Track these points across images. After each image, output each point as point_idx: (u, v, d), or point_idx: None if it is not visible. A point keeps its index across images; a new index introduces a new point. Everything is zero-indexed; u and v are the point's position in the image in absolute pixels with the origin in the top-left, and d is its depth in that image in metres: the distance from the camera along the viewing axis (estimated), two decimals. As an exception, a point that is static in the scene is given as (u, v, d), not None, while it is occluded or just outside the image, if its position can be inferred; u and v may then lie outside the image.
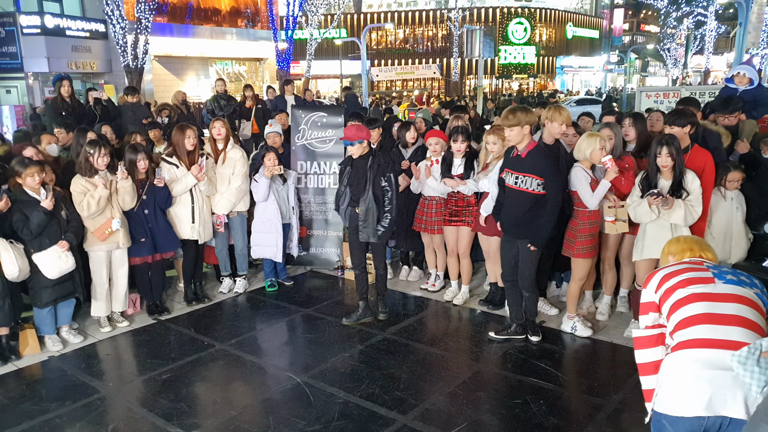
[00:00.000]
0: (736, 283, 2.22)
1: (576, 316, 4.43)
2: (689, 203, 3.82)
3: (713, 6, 34.81)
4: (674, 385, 2.14)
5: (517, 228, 4.09)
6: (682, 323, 2.19)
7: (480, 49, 29.59)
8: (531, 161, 3.94)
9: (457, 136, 4.84)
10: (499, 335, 4.34)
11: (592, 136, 4.14)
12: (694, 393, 2.07)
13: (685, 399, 2.08)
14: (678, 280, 2.29)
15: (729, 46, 40.70)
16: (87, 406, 3.59)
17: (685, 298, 2.23)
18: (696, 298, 2.21)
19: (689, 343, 2.13)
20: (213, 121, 5.25)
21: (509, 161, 4.12)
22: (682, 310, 2.21)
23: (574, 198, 4.20)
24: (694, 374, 2.08)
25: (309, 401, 3.59)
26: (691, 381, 2.09)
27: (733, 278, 2.25)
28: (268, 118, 8.88)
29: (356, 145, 4.41)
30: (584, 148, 4.11)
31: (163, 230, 4.81)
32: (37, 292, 4.23)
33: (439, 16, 37.57)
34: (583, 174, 4.10)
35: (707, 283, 2.24)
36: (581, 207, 4.17)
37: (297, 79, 26.69)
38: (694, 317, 2.17)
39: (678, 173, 3.82)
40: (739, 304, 2.15)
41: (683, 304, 2.22)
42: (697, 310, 2.18)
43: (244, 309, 5.19)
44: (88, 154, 4.39)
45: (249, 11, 26.98)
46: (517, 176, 4.00)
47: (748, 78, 5.80)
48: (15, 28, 17.88)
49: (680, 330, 2.19)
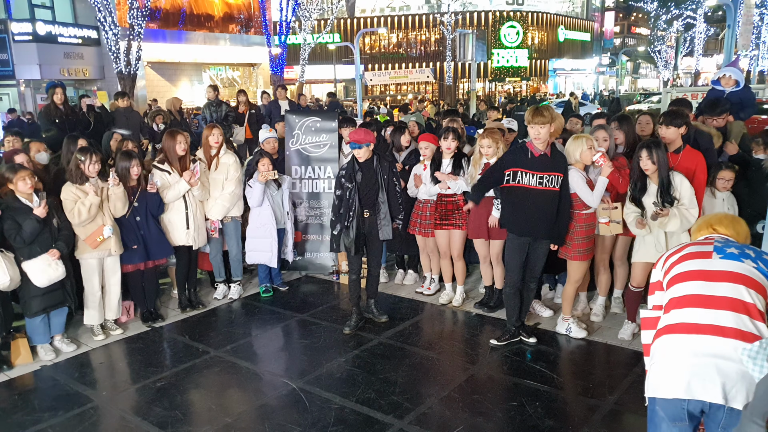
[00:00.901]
0: (735, 258, 2.18)
1: (571, 318, 4.43)
2: (683, 208, 3.83)
3: (702, 8, 35.15)
4: (658, 368, 2.17)
5: (539, 228, 4.03)
6: (672, 303, 2.21)
7: (473, 53, 29.70)
8: (555, 159, 3.98)
9: (447, 134, 4.87)
10: (500, 341, 4.30)
11: (578, 138, 4.16)
12: (674, 376, 2.09)
13: (667, 381, 2.11)
14: (678, 256, 2.31)
15: (718, 48, 41.06)
16: (80, 416, 3.56)
17: (680, 275, 2.23)
18: (690, 276, 2.20)
19: (676, 327, 2.15)
20: (208, 128, 5.24)
21: (527, 162, 4.00)
22: (675, 288, 2.23)
23: (573, 200, 4.16)
24: (677, 358, 2.10)
25: (305, 407, 3.57)
26: (673, 364, 2.11)
27: (734, 252, 2.20)
28: (261, 124, 8.88)
29: (364, 148, 4.42)
30: (573, 151, 4.13)
31: (156, 237, 4.79)
32: (27, 301, 4.20)
33: (432, 20, 37.71)
34: (579, 175, 4.11)
35: (705, 258, 2.23)
36: (578, 209, 4.18)
37: (291, 84, 26.69)
38: (685, 298, 2.17)
39: (664, 176, 3.85)
40: (733, 284, 2.12)
41: (677, 281, 2.23)
42: (689, 290, 2.18)
43: (239, 315, 5.17)
44: (78, 162, 4.37)
45: (242, 17, 27.00)
46: (542, 176, 3.96)
47: (734, 80, 5.86)
48: (6, 35, 17.81)
49: (671, 310, 2.20)
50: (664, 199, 3.85)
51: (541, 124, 3.90)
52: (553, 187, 3.97)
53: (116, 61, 17.56)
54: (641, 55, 49.01)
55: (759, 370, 1.93)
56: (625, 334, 4.32)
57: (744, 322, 2.05)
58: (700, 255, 2.25)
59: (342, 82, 35.82)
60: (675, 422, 2.12)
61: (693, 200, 3.85)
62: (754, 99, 6.51)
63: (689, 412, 2.08)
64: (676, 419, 2.11)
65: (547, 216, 4.00)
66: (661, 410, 2.15)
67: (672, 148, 4.16)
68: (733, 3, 20.30)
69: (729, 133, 5.26)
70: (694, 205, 3.83)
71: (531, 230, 4.07)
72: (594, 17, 48.31)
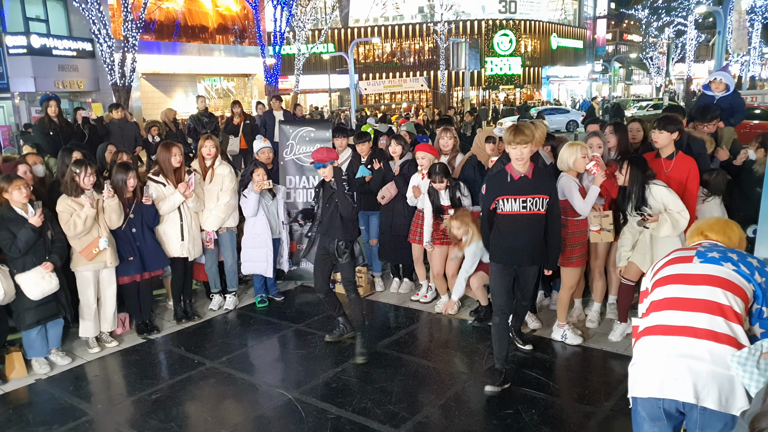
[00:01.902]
0: (715, 261, 2.20)
1: (566, 325, 4.44)
2: (674, 213, 3.87)
3: (693, 15, 35.55)
4: (636, 368, 2.22)
5: (524, 255, 3.73)
6: (652, 306, 2.26)
7: (466, 62, 29.90)
8: (538, 181, 3.67)
9: (434, 177, 4.72)
10: (496, 387, 3.73)
11: (573, 145, 4.19)
12: (649, 375, 2.14)
13: (642, 381, 2.16)
14: (663, 262, 2.36)
15: (709, 54, 41.47)
16: (75, 430, 3.54)
17: (661, 279, 2.29)
18: (669, 281, 2.25)
19: (653, 329, 2.20)
20: (203, 139, 5.25)
21: (507, 187, 3.68)
22: (655, 292, 2.28)
23: (564, 207, 4.14)
24: (652, 358, 2.15)
25: (301, 417, 3.56)
26: (648, 364, 2.15)
27: (715, 256, 2.23)
28: (256, 134, 8.90)
29: (328, 166, 4.17)
30: (566, 158, 4.16)
31: (151, 248, 4.79)
32: (20, 314, 4.18)
33: (425, 29, 37.98)
34: (572, 182, 4.14)
35: (685, 262, 2.27)
36: (569, 216, 4.20)
37: (286, 94, 26.78)
38: (662, 301, 2.22)
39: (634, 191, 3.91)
40: (710, 286, 2.15)
41: (657, 285, 2.28)
42: (667, 294, 2.22)
43: (235, 326, 5.16)
44: (74, 174, 4.37)
45: (236, 27, 27.14)
46: (525, 199, 3.65)
47: (725, 84, 5.92)
48: (1, 48, 17.85)
49: (650, 313, 2.26)
50: (638, 210, 3.92)
51: (523, 144, 3.56)
52: (538, 210, 3.66)
53: (111, 73, 17.61)
54: (633, 61, 49.44)
55: (749, 377, 1.95)
56: (614, 335, 4.36)
57: (718, 324, 2.08)
58: (681, 260, 2.30)
59: (336, 91, 35.96)
60: (654, 421, 2.17)
61: (678, 203, 3.88)
62: (744, 104, 6.58)
63: (666, 411, 2.13)
64: (654, 418, 2.17)
65: (533, 241, 3.72)
66: (642, 410, 2.22)
67: (665, 154, 4.21)
68: (723, 10, 20.56)
69: (720, 138, 5.32)
70: (682, 208, 3.87)
71: (515, 259, 3.75)
72: (586, 25, 48.75)
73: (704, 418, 2.03)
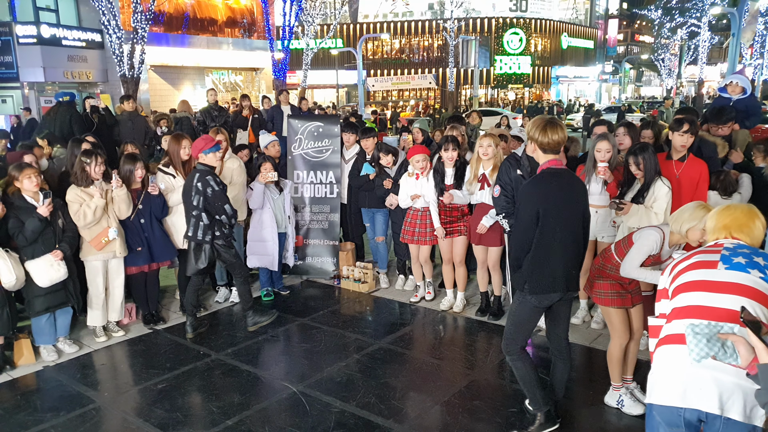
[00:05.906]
0: (742, 268, 2.13)
1: (623, 387, 3.49)
2: (651, 211, 3.90)
3: (707, 17, 35.22)
4: (657, 376, 2.19)
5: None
6: (674, 313, 2.20)
7: (476, 59, 29.79)
8: None
9: (447, 144, 4.83)
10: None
11: (702, 209, 3.66)
12: (671, 384, 2.10)
13: (664, 389, 2.13)
14: (685, 264, 2.27)
15: (722, 57, 41.15)
16: (82, 417, 3.58)
17: (685, 285, 2.21)
18: (694, 287, 2.18)
19: (676, 337, 2.15)
20: (212, 132, 5.25)
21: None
22: (678, 298, 2.21)
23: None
24: (675, 367, 2.11)
25: (305, 410, 3.58)
26: (671, 373, 2.12)
27: (741, 262, 2.15)
28: (263, 128, 8.91)
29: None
30: (685, 220, 3.15)
31: (160, 239, 4.81)
32: (30, 300, 4.22)
33: (435, 26, 37.85)
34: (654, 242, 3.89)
35: (710, 267, 2.18)
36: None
37: (293, 88, 26.78)
38: (686, 309, 2.16)
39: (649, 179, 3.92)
40: (736, 296, 2.08)
41: (681, 291, 2.22)
42: (691, 301, 2.16)
43: (240, 318, 5.17)
44: (84, 164, 4.40)
45: (245, 21, 27.15)
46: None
47: (741, 87, 5.88)
48: (11, 37, 17.94)
49: (672, 320, 2.20)
50: (636, 199, 3.95)
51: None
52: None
53: (120, 65, 17.66)
54: (644, 63, 49.16)
55: (695, 344, 1.99)
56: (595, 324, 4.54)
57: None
58: (705, 264, 2.22)
59: (344, 87, 35.98)
60: (672, 428, 2.14)
61: (662, 206, 3.89)
62: (760, 107, 6.53)
63: (686, 420, 2.09)
64: (672, 425, 2.14)
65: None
66: (657, 416, 2.18)
67: (677, 156, 4.17)
68: (737, 12, 20.32)
69: (734, 141, 5.27)
70: (663, 212, 3.87)
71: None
72: (597, 25, 48.48)
73: (727, 428, 2.00)
